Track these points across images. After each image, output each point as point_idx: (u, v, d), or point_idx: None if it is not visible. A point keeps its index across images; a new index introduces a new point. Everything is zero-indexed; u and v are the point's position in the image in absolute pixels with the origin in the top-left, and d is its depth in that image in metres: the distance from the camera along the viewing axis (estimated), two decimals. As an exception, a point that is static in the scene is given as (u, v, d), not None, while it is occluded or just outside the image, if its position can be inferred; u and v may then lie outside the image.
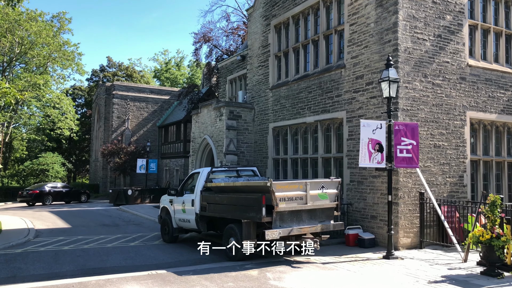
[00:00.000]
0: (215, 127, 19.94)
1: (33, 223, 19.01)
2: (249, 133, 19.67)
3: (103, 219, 20.74)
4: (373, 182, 13.08)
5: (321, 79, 15.54)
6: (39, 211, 25.81)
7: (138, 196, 30.08)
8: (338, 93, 14.66)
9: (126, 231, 16.69)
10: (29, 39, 44.96)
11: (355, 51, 14.10)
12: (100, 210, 25.91)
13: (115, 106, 43.78)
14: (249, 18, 20.77)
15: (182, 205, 12.91)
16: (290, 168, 17.16)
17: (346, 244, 12.80)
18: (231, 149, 19.03)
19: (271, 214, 9.59)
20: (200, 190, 12.15)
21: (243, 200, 10.12)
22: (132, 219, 20.79)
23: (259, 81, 19.56)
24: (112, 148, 38.66)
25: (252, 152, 19.59)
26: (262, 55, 19.42)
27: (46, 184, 33.91)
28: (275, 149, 18.32)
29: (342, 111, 14.44)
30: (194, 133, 22.45)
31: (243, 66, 26.04)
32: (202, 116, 21.44)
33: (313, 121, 15.83)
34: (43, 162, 46.69)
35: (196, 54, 37.35)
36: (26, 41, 44.83)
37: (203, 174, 12.44)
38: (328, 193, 10.38)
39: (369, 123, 11.16)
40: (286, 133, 17.63)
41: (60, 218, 21.44)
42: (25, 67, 49.47)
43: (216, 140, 19.80)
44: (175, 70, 70.39)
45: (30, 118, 51.85)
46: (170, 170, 42.95)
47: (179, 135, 41.40)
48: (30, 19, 44.17)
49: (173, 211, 13.51)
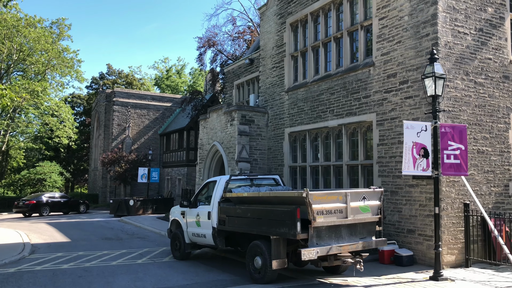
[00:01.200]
0: (226, 133, 18.58)
1: (29, 237, 17.54)
2: (262, 139, 18.31)
3: (104, 232, 19.28)
4: (409, 192, 11.70)
5: (345, 79, 14.22)
6: (35, 223, 24.32)
7: (140, 206, 28.61)
8: (366, 94, 13.33)
9: (131, 245, 15.23)
10: (28, 46, 43.77)
11: (385, 47, 12.79)
12: (101, 222, 24.42)
13: (115, 113, 42.42)
14: (262, 17, 19.51)
15: (197, 218, 11.50)
16: (310, 177, 15.78)
17: (380, 262, 11.39)
18: (244, 156, 17.66)
19: (307, 230, 8.20)
20: (218, 201, 10.74)
21: (272, 213, 8.73)
22: (136, 232, 19.33)
23: (273, 84, 18.25)
24: (112, 157, 37.23)
25: (266, 159, 18.21)
26: (276, 56, 18.12)
27: (44, 194, 32.42)
28: (292, 156, 16.95)
29: (371, 114, 13.10)
30: (202, 140, 21.07)
31: (251, 70, 24.78)
32: (211, 121, 20.08)
33: (336, 125, 14.48)
34: (41, 171, 45.16)
35: (200, 60, 36.07)
36: (25, 47, 43.63)
37: (221, 183, 11.04)
38: (370, 205, 9.00)
39: (413, 124, 9.81)
40: (304, 139, 16.27)
41: (58, 230, 19.97)
42: (23, 74, 48.20)
43: (226, 146, 18.43)
44: (176, 78, 69.15)
45: (27, 126, 50.41)
46: (172, 179, 41.50)
47: (181, 143, 40.02)
48: (29, 25, 43.00)
49: (186, 224, 12.08)
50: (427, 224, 11.16)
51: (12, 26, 41.86)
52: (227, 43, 35.75)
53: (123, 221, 24.36)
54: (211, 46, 35.36)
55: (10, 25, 41.78)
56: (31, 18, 43.58)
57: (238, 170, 17.41)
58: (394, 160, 12.20)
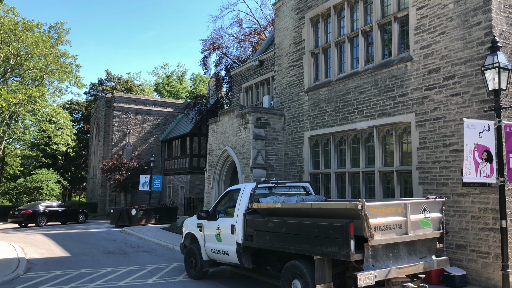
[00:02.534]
0: (239, 137, 17.16)
1: (24, 251, 16.02)
2: (278, 144, 16.89)
3: (107, 245, 17.75)
4: (458, 202, 10.28)
5: (377, 76, 12.85)
6: (32, 234, 22.77)
7: (143, 216, 27.06)
8: (403, 92, 11.95)
9: (138, 261, 13.72)
10: (25, 50, 42.37)
11: (425, 39, 11.43)
12: (102, 233, 22.88)
13: (115, 119, 40.97)
14: (277, 12, 18.17)
15: (217, 231, 10.03)
16: (334, 185, 14.34)
17: (427, 282, 9.92)
18: (259, 162, 16.22)
19: (361, 249, 6.77)
20: (243, 213, 9.29)
21: (316, 229, 7.28)
22: (141, 245, 17.81)
23: (290, 84, 16.87)
24: (112, 164, 35.74)
25: (283, 165, 16.78)
26: (294, 54, 16.76)
27: (40, 203, 30.82)
28: (313, 162, 15.53)
29: (409, 114, 11.71)
30: (212, 145, 19.64)
31: (261, 72, 23.46)
32: (221, 125, 18.66)
33: (366, 127, 13.07)
34: (37, 179, 43.55)
35: (205, 63, 34.69)
36: (22, 52, 42.22)
37: (246, 191, 9.59)
38: (431, 218, 7.58)
39: (474, 123, 8.40)
40: (327, 143, 14.86)
41: (57, 243, 18.43)
42: (20, 80, 46.72)
43: (240, 151, 17.00)
44: (176, 84, 67.75)
45: (24, 132, 48.80)
46: (174, 187, 39.98)
47: (184, 149, 38.57)
48: (27, 29, 41.61)
49: (203, 238, 10.61)
50: (481, 239, 9.73)
51: (9, 30, 40.49)
52: (233, 45, 34.44)
53: (125, 232, 22.83)
54: (216, 49, 34.01)
55: (7, 29, 40.41)
56: (29, 22, 42.18)
57: (253, 177, 15.98)
58: (439, 166, 10.79)
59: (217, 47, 33.95)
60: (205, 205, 19.72)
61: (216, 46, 34.00)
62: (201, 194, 36.83)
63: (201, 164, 37.78)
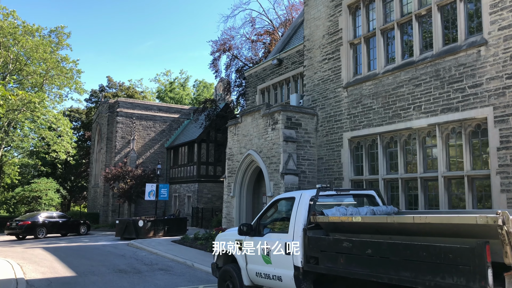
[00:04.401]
0: (265, 139, 15.26)
1: (23, 269, 14.00)
2: (311, 147, 15.00)
3: (116, 261, 15.74)
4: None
5: (438, 65, 10.98)
6: (31, 248, 20.73)
7: (151, 228, 24.99)
8: (475, 82, 10.08)
9: (156, 282, 11.72)
10: (25, 58, 40.58)
11: (505, 18, 9.60)
12: (107, 247, 20.84)
13: (119, 125, 39.06)
14: (306, 2, 16.35)
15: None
16: (383, 193, 12.40)
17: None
18: (291, 168, 14.29)
19: (501, 281, 4.83)
20: (302, 228, 7.34)
21: (425, 251, 5.33)
22: (154, 261, 15.80)
23: (323, 79, 15.01)
24: (116, 172, 33.75)
25: (315, 171, 14.87)
26: (328, 45, 14.93)
27: (40, 213, 28.74)
28: (354, 167, 13.62)
29: (484, 108, 9.83)
30: (232, 149, 17.72)
31: (279, 71, 21.69)
32: (244, 126, 16.77)
33: (425, 125, 11.19)
34: (36, 189, 41.46)
35: (215, 65, 32.87)
36: (21, 57, 40.44)
37: (303, 200, 7.62)
38: None
39: None
40: (373, 145, 12.97)
41: (59, 259, 16.40)
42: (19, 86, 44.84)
43: (267, 156, 15.09)
44: (180, 90, 65.90)
45: (22, 140, 46.76)
46: (180, 196, 38.00)
47: (191, 157, 36.64)
48: (27, 33, 39.83)
49: (244, 259, 8.63)
50: None
51: (8, 33, 38.75)
52: (245, 46, 32.62)
53: (134, 246, 20.79)
54: (227, 50, 32.25)
55: (7, 32, 38.67)
56: (29, 26, 40.38)
57: (284, 184, 14.06)
58: (529, 169, 8.90)
59: (227, 48, 32.20)
60: (225, 216, 17.75)
61: (227, 48, 32.26)
62: (209, 204, 34.82)
63: (209, 172, 35.84)
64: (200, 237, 21.47)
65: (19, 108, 39.00)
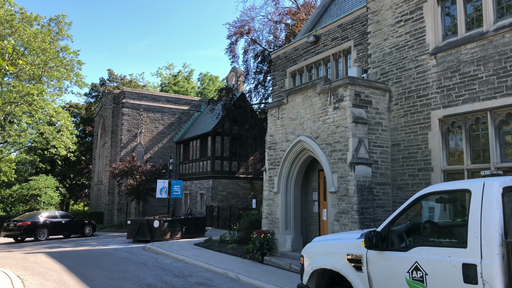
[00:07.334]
0: (323, 122, 12.34)
1: (24, 284, 11.06)
2: (383, 130, 12.10)
3: (138, 272, 12.78)
4: None
5: None
6: (32, 253, 17.76)
7: (167, 229, 22.05)
8: None
9: (204, 305, 8.80)
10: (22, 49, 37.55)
11: None
12: (121, 251, 17.88)
13: (125, 117, 36.11)
14: (370, -45, 13.44)
15: (413, 274, 5.13)
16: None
17: None
18: (362, 156, 11.37)
19: None
20: (500, 241, 4.43)
21: None
22: (186, 271, 12.86)
23: (398, 46, 12.11)
24: (124, 167, 30.77)
25: (389, 161, 11.97)
26: (404, 4, 12.02)
27: (40, 213, 25.72)
28: (446, 154, 10.72)
29: None
30: (274, 136, 14.81)
31: (316, 50, 18.84)
32: (291, 108, 13.86)
33: None
34: (35, 186, 38.40)
35: (232, 50, 29.85)
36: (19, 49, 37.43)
37: (491, 195, 4.67)
38: None
39: None
40: (477, 125, 10.08)
41: (69, 269, 13.45)
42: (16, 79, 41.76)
43: (326, 142, 12.17)
44: (184, 83, 62.85)
45: (20, 135, 43.61)
46: (192, 194, 35.06)
47: (204, 151, 33.69)
48: (24, 21, 36.77)
49: (368, 283, 5.71)
50: None
51: (5, 21, 35.73)
52: (266, 28, 29.66)
53: (151, 250, 17.86)
54: (245, 33, 29.27)
55: (4, 20, 35.63)
56: (27, 13, 37.28)
57: (355, 177, 11.14)
58: None
59: (246, 31, 29.22)
60: (265, 216, 14.83)
61: (245, 31, 29.27)
62: (224, 202, 31.90)
63: (224, 168, 32.92)
64: (228, 240, 18.63)
65: (16, 100, 36.02)
